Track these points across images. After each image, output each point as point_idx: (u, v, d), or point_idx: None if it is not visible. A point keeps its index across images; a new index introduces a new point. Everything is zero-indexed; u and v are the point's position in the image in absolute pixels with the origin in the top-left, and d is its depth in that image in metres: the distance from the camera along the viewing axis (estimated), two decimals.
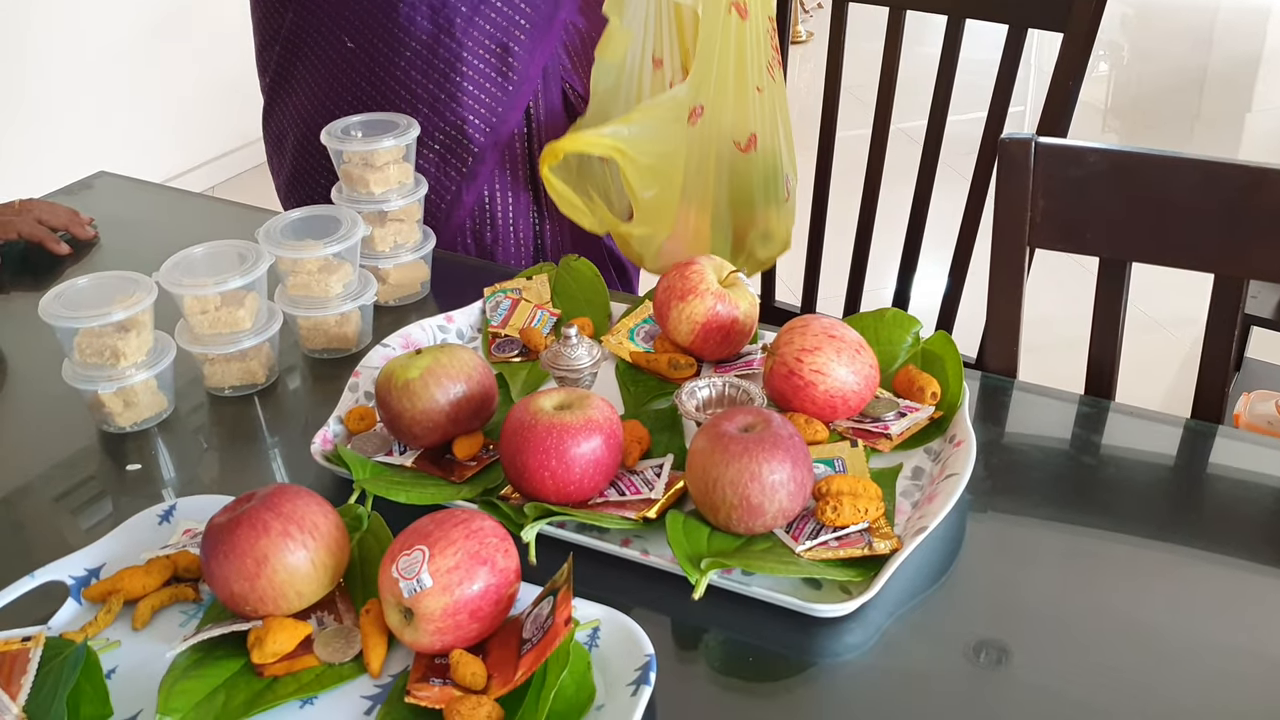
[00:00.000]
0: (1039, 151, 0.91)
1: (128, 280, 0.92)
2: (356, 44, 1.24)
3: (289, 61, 1.30)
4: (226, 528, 0.69)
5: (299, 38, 1.28)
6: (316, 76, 1.28)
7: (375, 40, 1.23)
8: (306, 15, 1.26)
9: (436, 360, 0.85)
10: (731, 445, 0.75)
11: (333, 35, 1.25)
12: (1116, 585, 0.76)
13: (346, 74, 1.26)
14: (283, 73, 1.31)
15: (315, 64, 1.28)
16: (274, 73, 1.32)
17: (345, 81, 1.26)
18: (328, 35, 1.25)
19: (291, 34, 1.28)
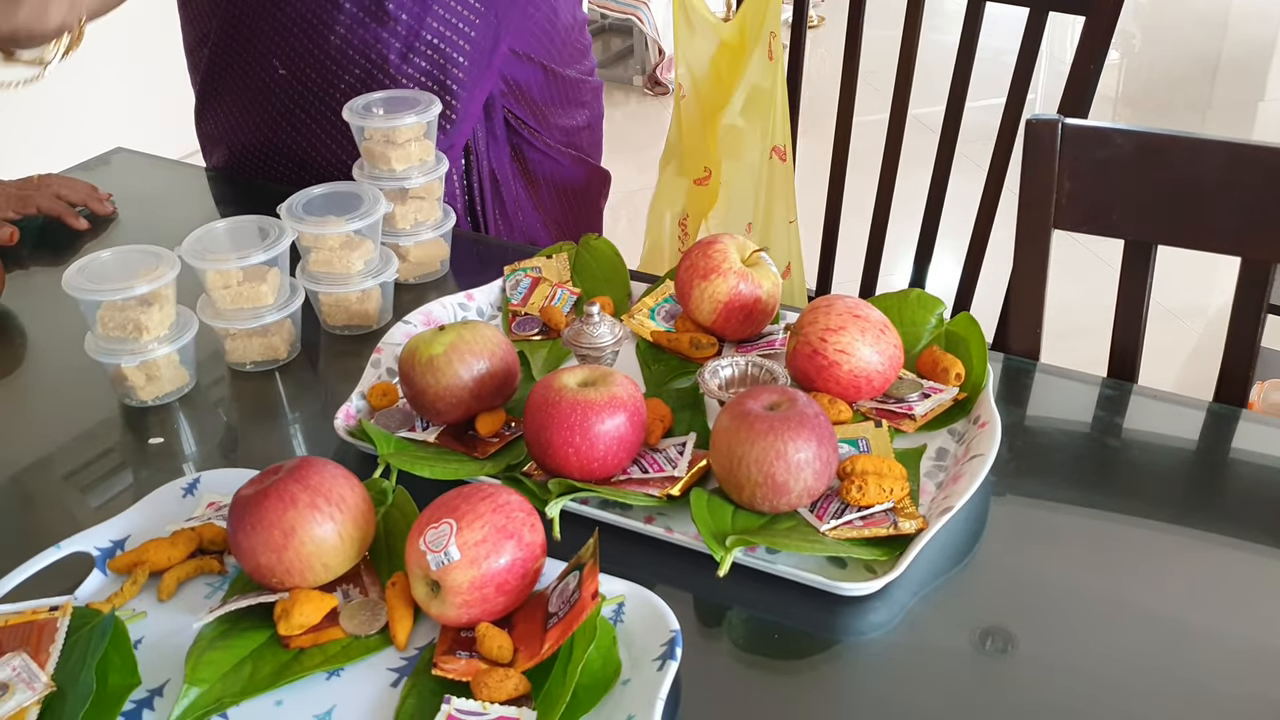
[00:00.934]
0: (1066, 133, 0.91)
1: (150, 254, 0.91)
2: (289, 71, 1.20)
3: (218, 71, 1.25)
4: (254, 500, 0.70)
5: (228, 50, 1.23)
6: (247, 95, 1.24)
7: (308, 70, 1.19)
8: (233, 32, 1.21)
9: (460, 336, 0.85)
10: (757, 423, 0.75)
11: (262, 58, 1.21)
12: (1138, 568, 0.76)
13: (279, 99, 1.22)
14: (213, 79, 1.27)
15: (245, 82, 1.23)
16: (204, 75, 1.27)
17: (278, 105, 1.22)
18: (257, 57, 1.21)
19: (220, 43, 1.23)
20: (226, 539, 0.75)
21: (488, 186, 1.28)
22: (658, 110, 3.87)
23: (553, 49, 1.29)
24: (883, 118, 1.49)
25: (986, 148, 1.44)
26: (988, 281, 1.51)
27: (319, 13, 1.16)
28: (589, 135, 1.41)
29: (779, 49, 1.38)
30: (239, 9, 1.19)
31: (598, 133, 1.43)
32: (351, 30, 1.15)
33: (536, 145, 1.30)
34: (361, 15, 1.15)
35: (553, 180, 1.35)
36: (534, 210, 1.33)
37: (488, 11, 1.18)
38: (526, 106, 1.28)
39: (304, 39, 1.17)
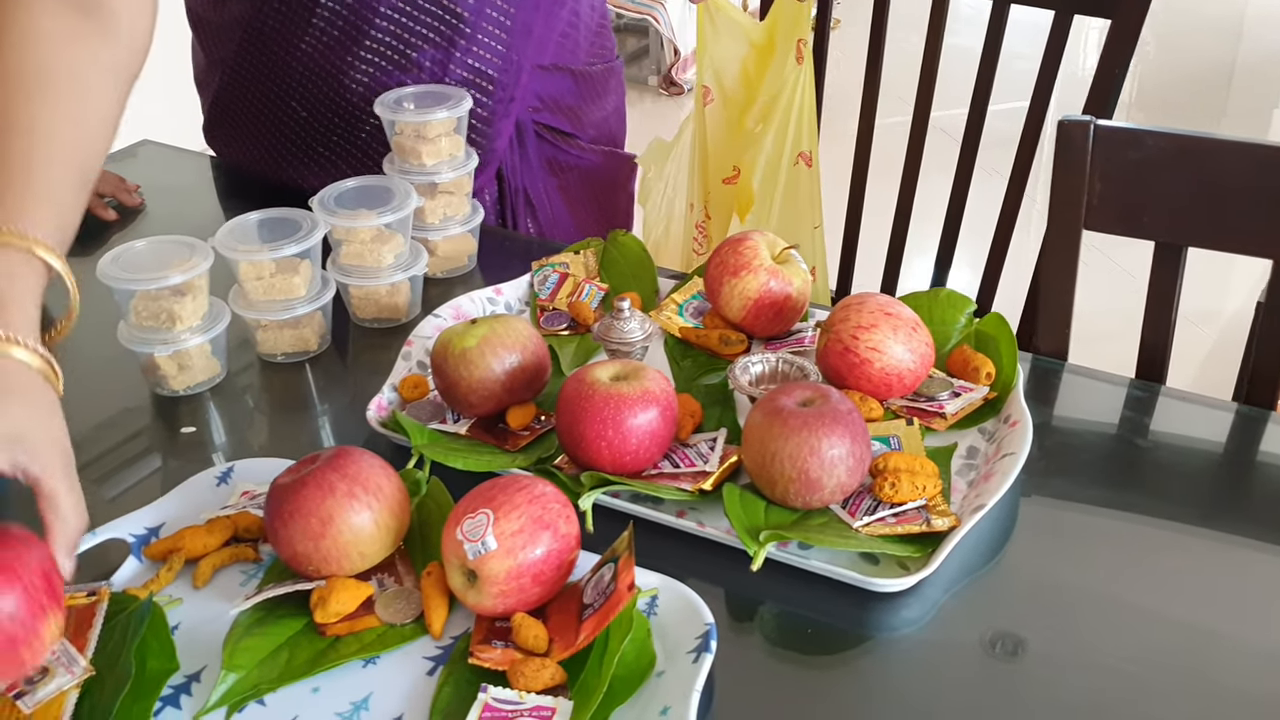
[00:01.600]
0: (1098, 134, 0.91)
1: (184, 245, 0.92)
2: (309, 113, 1.18)
3: (230, 99, 1.22)
4: (292, 488, 0.70)
5: (242, 83, 1.20)
6: (260, 128, 1.22)
7: (329, 114, 1.18)
8: (249, 68, 1.19)
9: (493, 330, 0.85)
10: (790, 419, 0.75)
11: (279, 99, 1.19)
12: (1168, 569, 0.76)
13: (296, 136, 1.20)
14: (224, 104, 1.24)
15: (259, 115, 1.21)
16: (214, 98, 1.25)
17: (294, 141, 1.20)
18: (275, 96, 1.19)
19: (234, 74, 1.20)
20: (261, 527, 0.76)
21: (521, 204, 1.28)
22: (673, 110, 3.87)
23: (578, 52, 1.29)
24: (899, 120, 1.49)
25: (1002, 153, 1.45)
26: (1007, 284, 1.51)
27: (340, 64, 1.15)
28: (616, 117, 1.41)
29: (808, 54, 1.38)
30: (257, 48, 1.18)
31: (623, 111, 1.43)
32: (374, 79, 1.15)
33: (570, 151, 1.30)
34: (385, 65, 1.15)
35: (585, 180, 1.35)
36: (568, 214, 1.34)
37: (509, 52, 1.18)
38: (561, 114, 1.27)
39: (325, 87, 1.17)
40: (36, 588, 0.61)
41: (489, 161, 1.21)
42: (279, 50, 1.16)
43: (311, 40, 1.14)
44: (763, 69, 1.44)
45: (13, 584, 0.60)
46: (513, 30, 1.17)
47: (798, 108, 1.43)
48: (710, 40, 1.46)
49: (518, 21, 1.17)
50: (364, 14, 1.12)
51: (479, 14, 1.14)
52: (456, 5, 1.13)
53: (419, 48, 1.14)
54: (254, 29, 1.16)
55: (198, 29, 1.25)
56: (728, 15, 1.45)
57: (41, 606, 0.62)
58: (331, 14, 1.12)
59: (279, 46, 1.16)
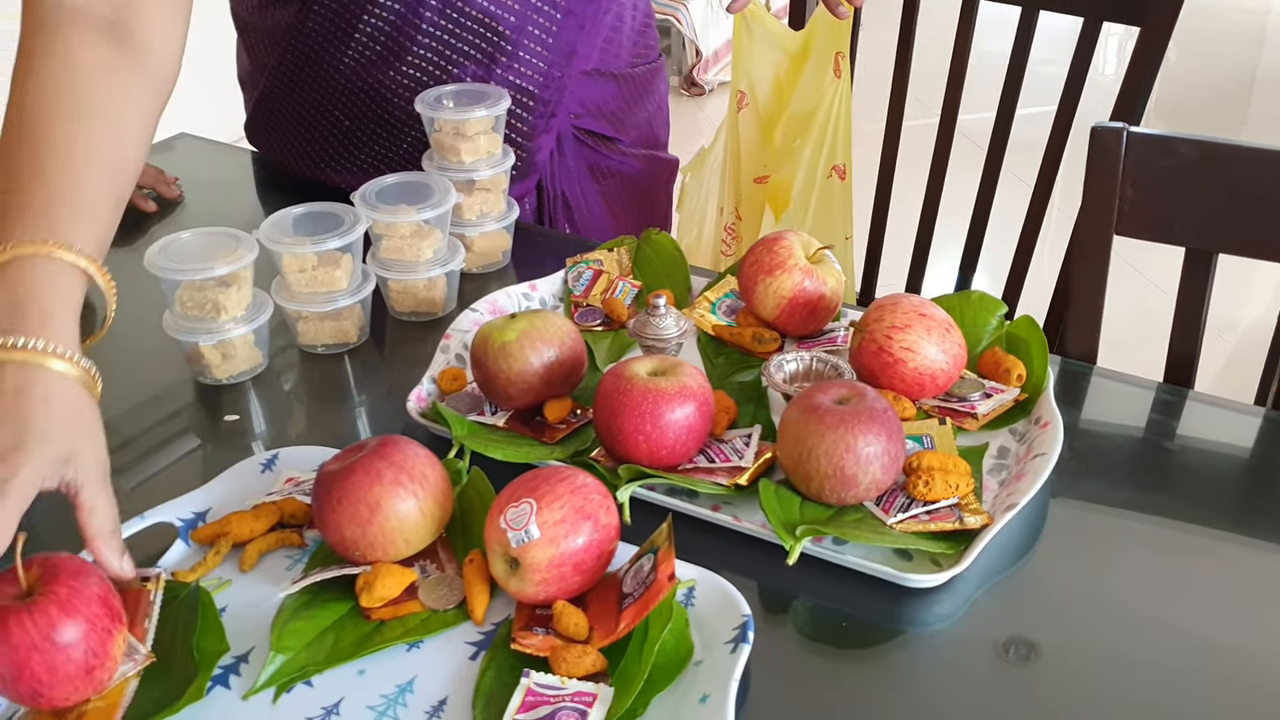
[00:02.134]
0: (1130, 141, 0.92)
1: (229, 237, 0.94)
2: (353, 123, 1.20)
3: (273, 103, 1.24)
4: (341, 475, 0.72)
5: (287, 90, 1.21)
6: (303, 133, 1.23)
7: (373, 126, 1.20)
8: (294, 77, 1.20)
9: (532, 324, 0.87)
10: (827, 417, 0.76)
11: (323, 108, 1.21)
12: (1197, 570, 0.77)
13: (338, 142, 1.22)
14: (266, 107, 1.26)
15: (302, 120, 1.23)
16: (258, 100, 1.26)
17: (336, 147, 1.22)
18: (318, 105, 1.21)
19: (279, 81, 1.21)
20: (307, 514, 0.78)
21: (560, 209, 1.29)
22: (692, 110, 3.89)
23: (621, 55, 1.30)
24: (922, 123, 1.50)
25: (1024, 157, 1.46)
26: (1031, 288, 1.52)
27: (382, 79, 1.17)
28: (658, 117, 1.42)
29: (846, 68, 1.39)
30: (301, 59, 1.19)
31: (665, 110, 1.44)
32: (415, 93, 1.16)
33: (612, 156, 1.32)
34: (426, 80, 1.16)
35: (626, 184, 1.37)
36: (606, 217, 1.35)
37: (551, 69, 1.19)
38: (603, 120, 1.29)
39: (367, 100, 1.18)
40: (98, 614, 0.64)
41: (529, 173, 1.23)
42: (323, 62, 1.18)
43: (354, 55, 1.16)
44: (796, 79, 1.45)
45: (77, 619, 0.63)
46: (554, 47, 1.18)
47: (834, 122, 1.44)
48: (746, 48, 1.47)
49: (560, 40, 1.18)
50: (406, 30, 1.14)
51: (520, 31, 1.16)
52: (498, 23, 1.14)
53: (460, 64, 1.16)
54: (297, 41, 1.18)
55: (243, 32, 1.27)
56: (764, 24, 1.46)
57: (107, 630, 0.64)
58: (374, 30, 1.14)
59: (322, 59, 1.18)
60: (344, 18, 1.14)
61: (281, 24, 1.19)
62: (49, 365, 0.68)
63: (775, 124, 1.46)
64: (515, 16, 1.15)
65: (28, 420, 0.65)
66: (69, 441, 0.67)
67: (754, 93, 1.48)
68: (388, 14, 1.13)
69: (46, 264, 0.70)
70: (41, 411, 0.66)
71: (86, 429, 0.69)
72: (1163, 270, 0.92)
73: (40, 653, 0.62)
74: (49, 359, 0.68)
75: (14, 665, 0.61)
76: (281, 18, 1.18)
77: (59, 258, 0.70)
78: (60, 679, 0.62)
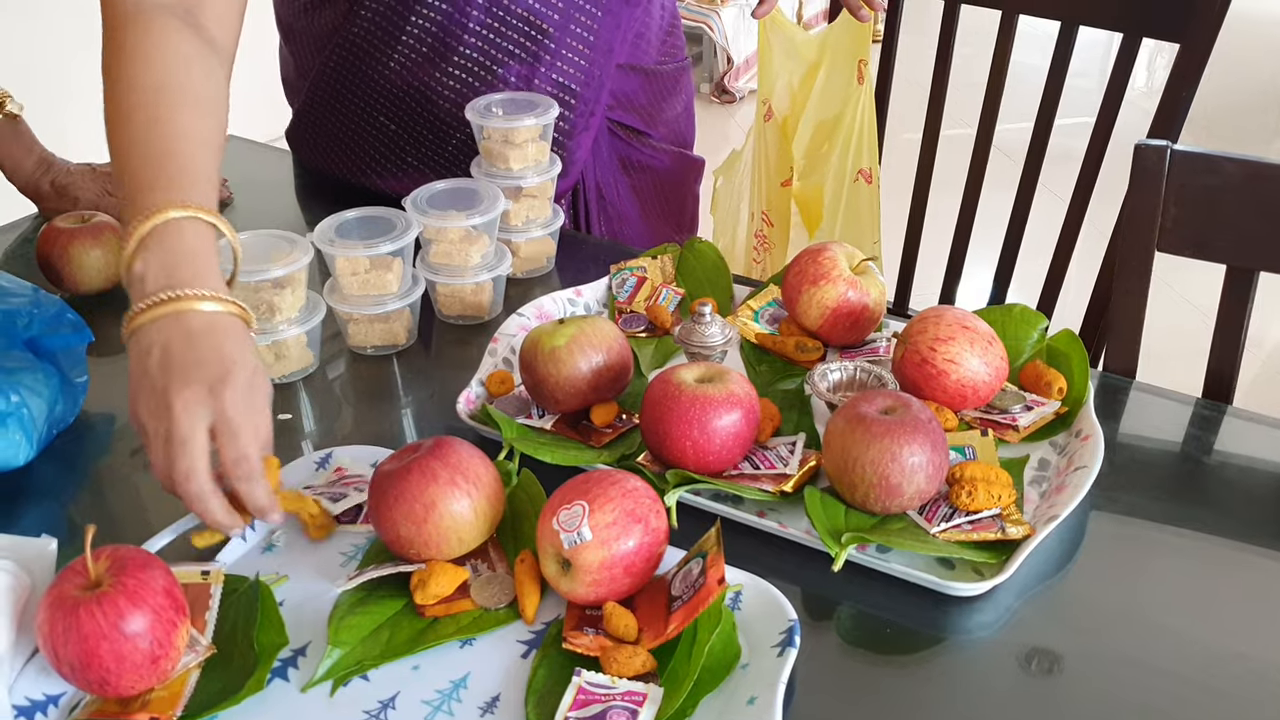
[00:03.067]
0: (1174, 159, 0.93)
1: (284, 239, 0.96)
2: (398, 126, 1.23)
3: (316, 108, 1.27)
4: (398, 474, 0.73)
5: (330, 95, 1.24)
6: (346, 138, 1.26)
7: (418, 128, 1.22)
8: (337, 83, 1.23)
9: (580, 330, 0.88)
10: (873, 426, 0.77)
11: (367, 113, 1.23)
12: (1236, 583, 0.78)
13: (382, 147, 1.24)
14: (311, 114, 1.28)
15: (346, 126, 1.25)
16: (301, 105, 1.29)
17: (380, 151, 1.24)
18: (362, 109, 1.23)
19: (322, 85, 1.24)
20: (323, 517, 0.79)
21: (594, 200, 1.31)
22: (724, 117, 3.90)
23: (650, 51, 1.32)
24: (958, 134, 1.51)
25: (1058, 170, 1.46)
26: (1065, 300, 1.53)
27: (428, 80, 1.19)
28: (685, 117, 1.44)
29: (868, 74, 1.41)
30: (346, 63, 1.21)
31: (692, 111, 1.47)
32: (461, 94, 1.19)
33: (643, 150, 1.34)
34: (472, 80, 1.18)
35: (655, 180, 1.38)
36: (638, 213, 1.37)
37: (592, 67, 1.21)
38: (634, 113, 1.31)
39: (413, 102, 1.21)
40: (163, 605, 0.66)
41: (569, 173, 1.25)
42: (368, 66, 1.20)
43: (400, 58, 1.18)
44: (819, 85, 1.47)
45: (144, 610, 0.65)
46: (595, 45, 1.20)
47: (859, 127, 1.46)
48: (771, 57, 1.48)
49: (600, 37, 1.20)
50: (453, 30, 1.16)
51: (564, 29, 1.18)
52: (542, 21, 1.17)
53: (505, 63, 1.18)
54: (343, 44, 1.20)
55: (288, 38, 1.29)
56: (787, 32, 1.47)
57: (172, 621, 0.66)
58: (422, 31, 1.16)
59: (368, 62, 1.20)
60: (391, 20, 1.16)
61: (327, 27, 1.21)
62: (200, 308, 0.75)
63: (800, 129, 1.47)
64: (559, 15, 1.17)
65: (228, 352, 0.74)
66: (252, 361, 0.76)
67: (779, 100, 1.50)
68: (435, 14, 1.15)
69: (194, 224, 0.78)
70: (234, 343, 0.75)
71: (239, 350, 0.76)
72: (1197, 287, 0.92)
73: (109, 642, 0.64)
74: (204, 302, 0.76)
75: (83, 654, 0.64)
76: (327, 20, 1.21)
77: (204, 218, 0.79)
78: (127, 668, 0.64)
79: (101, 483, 0.90)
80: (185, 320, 0.74)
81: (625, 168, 1.33)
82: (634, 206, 1.35)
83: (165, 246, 0.77)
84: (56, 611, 0.64)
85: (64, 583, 0.65)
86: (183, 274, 0.76)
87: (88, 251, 1.08)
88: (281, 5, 1.27)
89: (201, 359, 0.73)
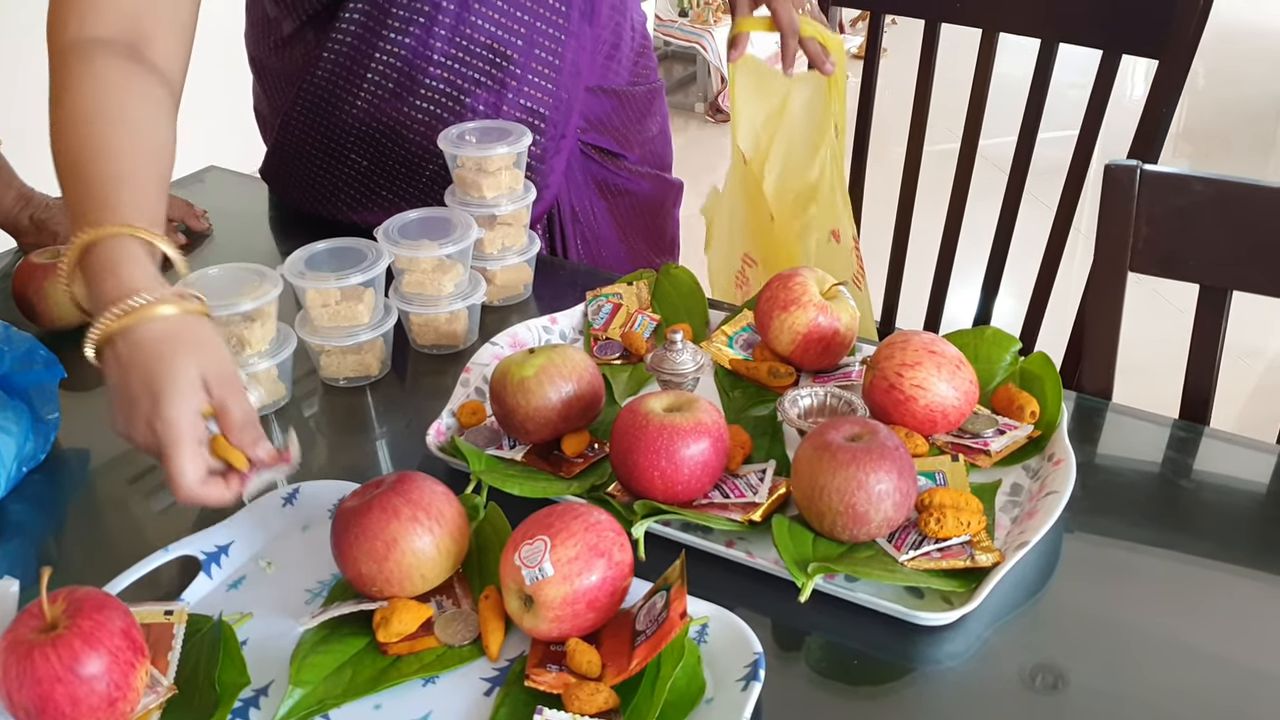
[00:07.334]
0: (1144, 179, 0.93)
1: (254, 272, 0.96)
2: (370, 162, 1.23)
3: (289, 145, 1.27)
4: (358, 511, 0.73)
5: (302, 134, 1.24)
6: (318, 175, 1.26)
7: (390, 162, 1.22)
8: (308, 121, 1.23)
9: (550, 360, 0.88)
10: (839, 454, 0.77)
11: (338, 150, 1.23)
12: (1209, 610, 0.77)
13: (355, 183, 1.24)
14: (283, 154, 1.29)
15: (318, 163, 1.25)
16: (274, 145, 1.29)
17: (354, 187, 1.25)
18: (333, 148, 1.23)
19: (293, 124, 1.24)
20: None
21: (569, 222, 1.31)
22: (717, 136, 3.91)
23: (622, 72, 1.32)
24: (943, 148, 1.50)
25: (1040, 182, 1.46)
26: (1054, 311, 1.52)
27: (396, 115, 1.19)
28: (661, 140, 1.44)
29: (841, 147, 1.40)
30: (313, 104, 1.22)
31: (667, 134, 1.46)
32: (430, 126, 1.19)
33: (619, 173, 1.34)
34: (440, 112, 1.19)
35: (633, 204, 1.38)
36: (615, 237, 1.36)
37: (559, 90, 1.21)
38: (608, 134, 1.31)
39: (383, 140, 1.21)
40: (120, 647, 0.66)
41: (544, 197, 1.25)
42: (335, 106, 1.20)
43: (367, 95, 1.19)
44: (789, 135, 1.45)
45: (100, 651, 0.64)
46: (561, 68, 1.20)
47: (828, 189, 1.45)
48: (744, 103, 1.46)
49: (565, 59, 1.20)
50: (418, 63, 1.16)
51: (527, 54, 1.18)
52: (505, 47, 1.17)
53: (471, 92, 1.18)
54: (310, 85, 1.20)
55: (259, 75, 1.29)
56: (760, 77, 1.45)
57: (129, 663, 0.66)
58: (387, 67, 1.17)
59: (335, 103, 1.20)
60: (355, 59, 1.17)
61: (297, 64, 1.21)
62: (158, 313, 0.75)
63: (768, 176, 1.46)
64: (521, 40, 1.18)
65: (152, 378, 0.74)
66: (189, 370, 0.74)
67: (748, 143, 1.48)
68: (398, 49, 1.16)
69: (124, 242, 0.78)
70: (156, 364, 0.74)
71: (196, 347, 0.76)
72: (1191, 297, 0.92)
73: (64, 685, 0.63)
74: (158, 307, 0.75)
75: (38, 697, 0.63)
76: (297, 57, 1.21)
77: (130, 235, 0.78)
78: (83, 711, 0.64)
79: (71, 522, 0.90)
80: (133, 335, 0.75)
81: (602, 191, 1.33)
82: (612, 229, 1.35)
83: (93, 269, 0.77)
84: (10, 655, 0.64)
85: (20, 626, 0.65)
86: (105, 290, 0.76)
87: (61, 287, 1.07)
88: (253, 43, 1.28)
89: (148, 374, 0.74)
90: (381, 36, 1.15)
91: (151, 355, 0.74)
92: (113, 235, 0.77)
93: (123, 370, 0.74)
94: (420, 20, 1.14)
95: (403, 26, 1.15)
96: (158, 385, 0.73)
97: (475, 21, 1.16)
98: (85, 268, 0.78)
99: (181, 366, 0.74)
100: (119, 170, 0.82)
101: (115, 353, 0.75)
